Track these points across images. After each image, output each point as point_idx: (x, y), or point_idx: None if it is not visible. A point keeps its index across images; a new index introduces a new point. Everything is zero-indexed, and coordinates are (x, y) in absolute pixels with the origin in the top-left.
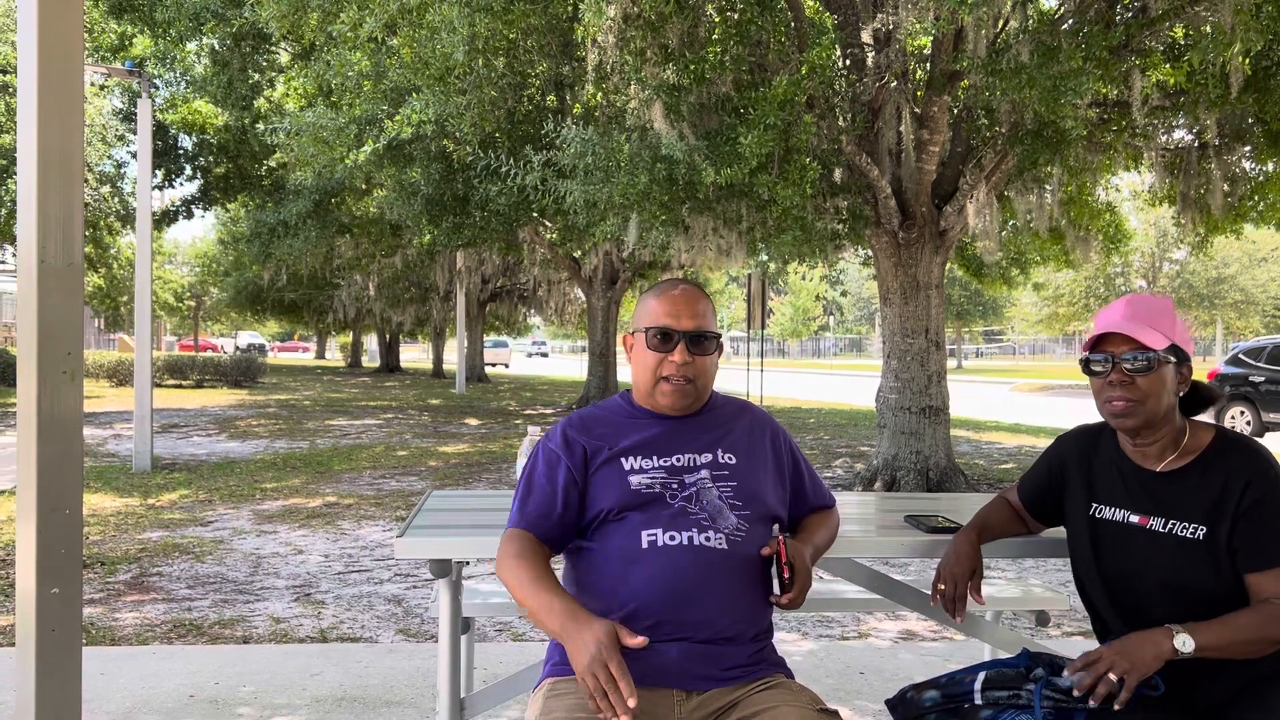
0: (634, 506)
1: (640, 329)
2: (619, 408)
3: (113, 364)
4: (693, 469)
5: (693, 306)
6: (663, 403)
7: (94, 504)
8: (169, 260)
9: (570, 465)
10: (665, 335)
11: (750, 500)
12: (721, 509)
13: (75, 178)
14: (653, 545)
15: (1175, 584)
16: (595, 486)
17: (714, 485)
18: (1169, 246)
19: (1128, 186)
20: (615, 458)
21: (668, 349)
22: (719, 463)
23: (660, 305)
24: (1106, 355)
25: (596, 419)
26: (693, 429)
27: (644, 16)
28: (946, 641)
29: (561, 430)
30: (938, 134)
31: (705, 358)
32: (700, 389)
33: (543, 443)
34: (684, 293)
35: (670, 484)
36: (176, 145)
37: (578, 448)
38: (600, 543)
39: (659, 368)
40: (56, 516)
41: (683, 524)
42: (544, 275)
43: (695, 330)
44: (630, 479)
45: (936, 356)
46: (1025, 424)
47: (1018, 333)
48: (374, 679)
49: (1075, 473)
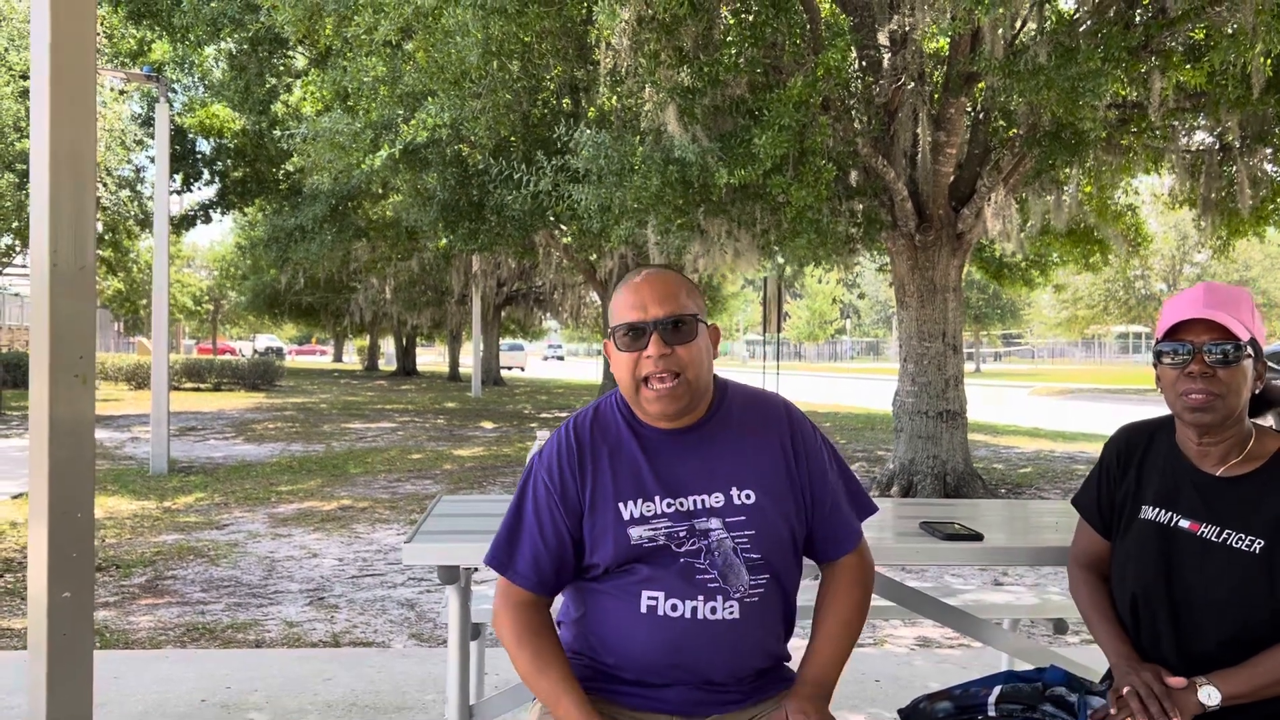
0: (635, 560)
1: (610, 331)
2: (617, 413)
3: (131, 367)
4: (703, 513)
5: (660, 290)
6: (653, 410)
7: (110, 507)
8: (187, 264)
9: (564, 510)
10: (635, 331)
11: (770, 548)
12: (734, 565)
13: (87, 181)
14: (652, 612)
15: (1223, 599)
16: (590, 534)
17: (728, 535)
18: (1190, 249)
19: (1148, 189)
20: (611, 503)
21: (640, 345)
22: (734, 504)
23: (624, 298)
24: (1185, 344)
25: (591, 439)
26: (701, 452)
27: (658, 19)
28: (964, 649)
29: (554, 459)
30: (955, 136)
31: (687, 344)
32: (693, 383)
33: (536, 470)
34: (648, 278)
35: (676, 531)
36: (194, 149)
37: (571, 490)
38: (597, 588)
39: (636, 369)
40: (68, 520)
41: (688, 589)
42: (559, 279)
43: (669, 316)
44: (630, 531)
45: (954, 360)
46: (1044, 428)
47: (1036, 336)
48: (385, 684)
49: (1126, 471)
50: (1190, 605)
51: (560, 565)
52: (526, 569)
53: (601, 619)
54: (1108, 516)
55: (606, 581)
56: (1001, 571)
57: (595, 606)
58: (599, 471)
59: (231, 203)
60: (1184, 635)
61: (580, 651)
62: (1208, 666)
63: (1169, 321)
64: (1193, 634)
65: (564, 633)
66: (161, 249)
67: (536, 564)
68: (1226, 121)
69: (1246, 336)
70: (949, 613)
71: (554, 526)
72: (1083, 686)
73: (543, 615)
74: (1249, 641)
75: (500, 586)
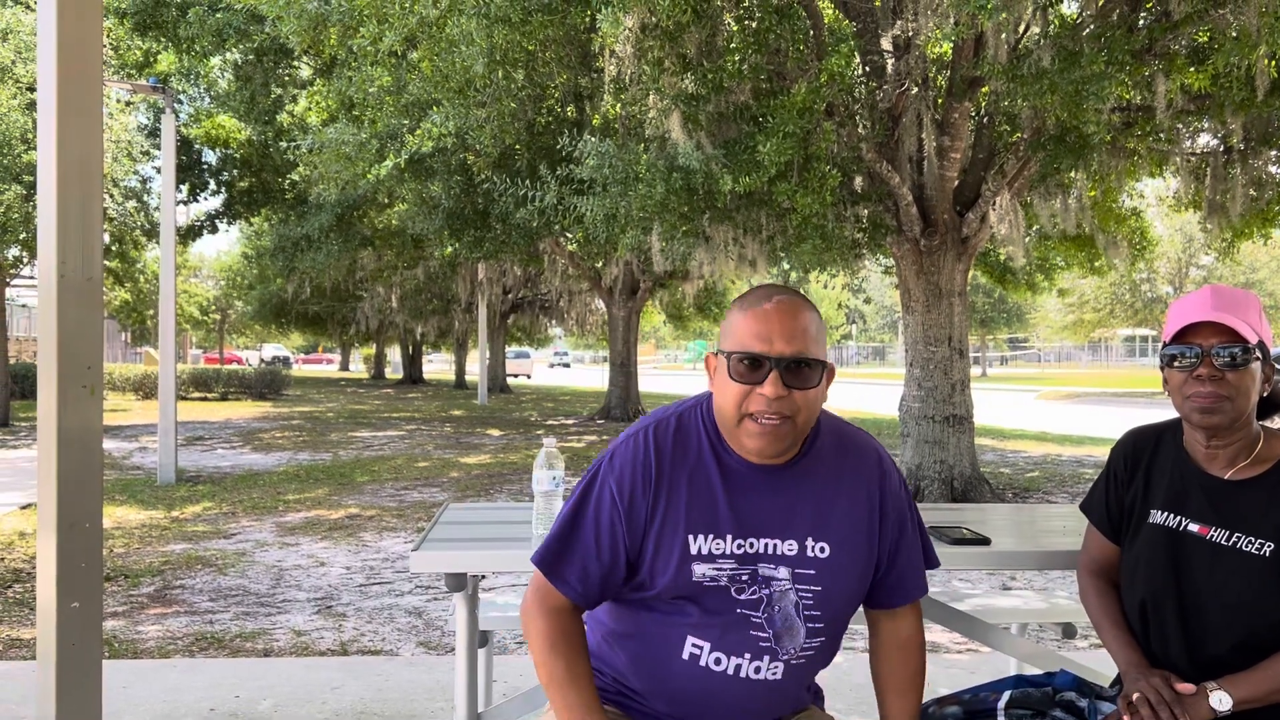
0: (691, 599)
1: (723, 352)
2: (703, 430)
3: (138, 377)
4: (771, 559)
5: (789, 324)
6: (749, 445)
7: (119, 517)
8: (194, 274)
9: (627, 528)
10: (753, 362)
11: (834, 609)
12: (794, 625)
13: (94, 192)
14: (694, 661)
15: (1234, 603)
16: (648, 556)
17: (793, 588)
18: (1196, 252)
19: (1153, 192)
20: (680, 531)
21: (756, 379)
22: (807, 556)
23: (747, 323)
24: (1194, 347)
25: (672, 454)
26: (784, 492)
27: (662, 26)
28: (972, 654)
29: (628, 468)
30: (959, 140)
31: (807, 391)
32: (799, 429)
33: (605, 474)
34: (779, 306)
35: (739, 575)
36: (201, 160)
37: (640, 509)
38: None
39: (745, 402)
40: (77, 530)
41: (738, 644)
42: (565, 286)
43: (794, 356)
44: (694, 567)
45: (960, 364)
46: (1051, 432)
47: (1042, 340)
48: (394, 692)
49: (1134, 476)
50: (1200, 609)
51: (608, 583)
52: (574, 580)
53: (638, 646)
54: (1116, 521)
55: (653, 611)
56: (1009, 576)
57: (634, 629)
58: (674, 495)
59: (238, 213)
60: (1194, 639)
61: (607, 664)
62: (1218, 671)
63: (1177, 324)
64: (1203, 638)
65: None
66: (168, 259)
67: (585, 577)
68: (1231, 124)
69: (1255, 339)
70: (957, 617)
71: (611, 542)
72: (1093, 691)
73: (577, 624)
74: (1259, 645)
75: (538, 585)
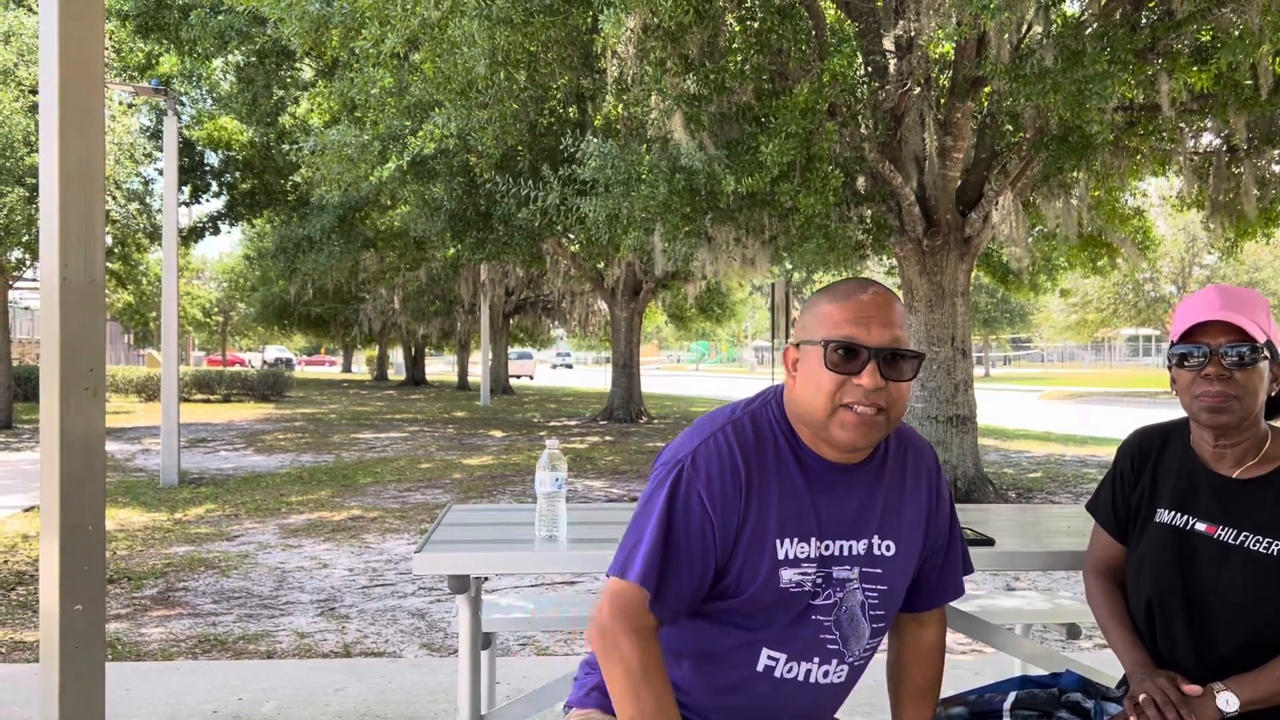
0: (776, 608)
1: (814, 340)
2: (778, 430)
3: (141, 379)
4: (844, 560)
5: (887, 314)
6: (841, 438)
7: (121, 519)
8: (196, 276)
9: (719, 535)
10: (850, 351)
11: (893, 604)
12: (859, 625)
13: (96, 194)
14: (769, 673)
15: (1241, 603)
16: (736, 565)
17: (860, 588)
18: (1199, 251)
19: (1156, 191)
20: (770, 537)
21: (853, 369)
22: (874, 555)
23: (843, 312)
24: (1202, 346)
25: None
26: (860, 493)
27: (663, 27)
28: (976, 655)
29: (715, 471)
30: (961, 140)
31: (901, 384)
32: (891, 423)
33: (689, 478)
34: (875, 297)
35: (818, 580)
36: (203, 162)
37: (733, 512)
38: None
39: (839, 393)
40: (79, 533)
41: (810, 649)
42: (567, 287)
43: (891, 346)
44: (782, 574)
45: (963, 365)
46: (1054, 432)
47: (1045, 340)
48: (397, 694)
49: (1140, 475)
50: (1207, 609)
51: (699, 594)
52: (674, 600)
53: (706, 663)
54: (1123, 521)
55: (726, 624)
56: (1014, 576)
57: (702, 645)
58: (765, 496)
59: (240, 214)
60: (1201, 639)
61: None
62: (1225, 671)
63: (1184, 324)
64: (1210, 638)
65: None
66: (170, 261)
67: (680, 594)
68: (1234, 123)
69: (1263, 338)
70: (961, 618)
71: (703, 550)
72: (1099, 692)
73: (660, 650)
74: (1267, 645)
75: (623, 604)
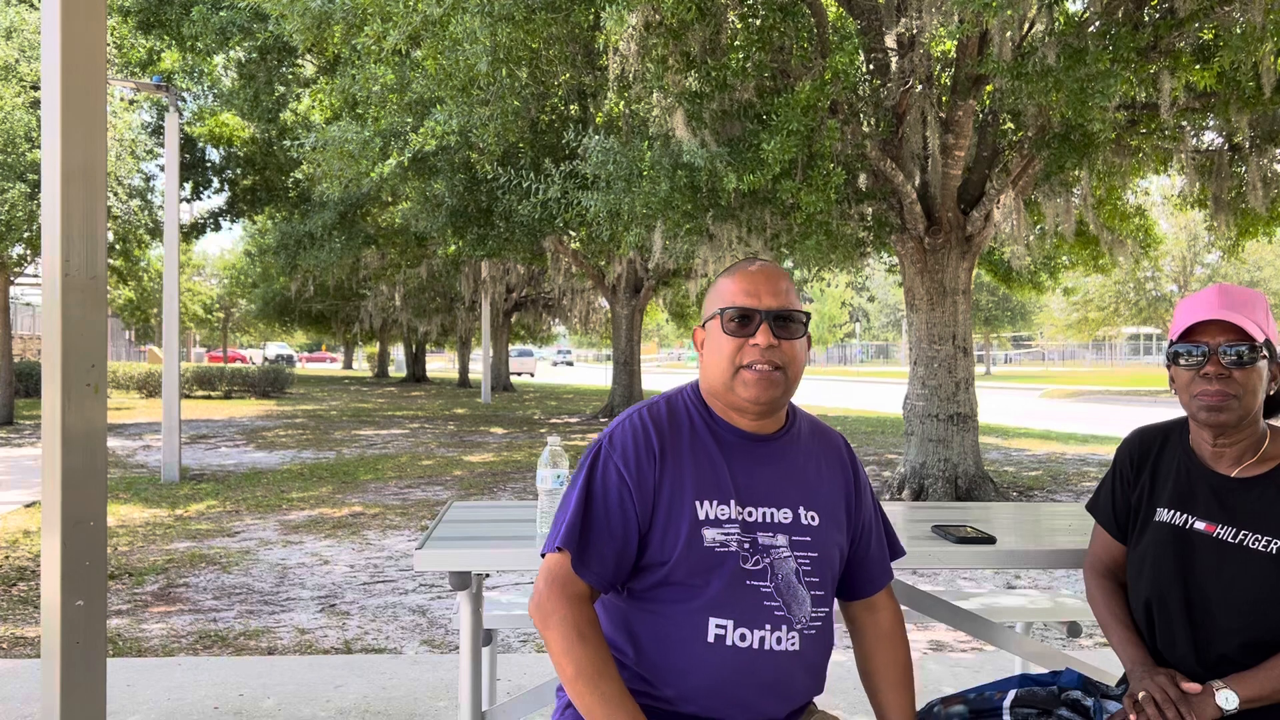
0: (706, 569)
1: (713, 313)
2: (691, 408)
3: (142, 375)
4: (769, 528)
5: (775, 283)
6: (744, 395)
7: (123, 515)
8: (197, 272)
9: (638, 500)
10: (744, 316)
11: (827, 574)
12: (797, 591)
13: (98, 191)
14: (720, 642)
15: (1241, 601)
16: (658, 529)
17: (791, 556)
18: (1201, 250)
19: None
20: (687, 498)
21: (748, 332)
22: (800, 524)
23: (736, 284)
24: (1201, 345)
25: (667, 428)
26: (775, 464)
27: (666, 24)
28: (976, 653)
29: (630, 444)
30: (963, 138)
31: (793, 341)
32: (790, 380)
33: (606, 454)
34: (762, 269)
35: (744, 543)
36: (204, 158)
37: (648, 477)
38: (656, 608)
39: (738, 355)
40: (81, 529)
41: (757, 616)
42: (568, 284)
43: (781, 309)
44: (705, 532)
45: (964, 363)
46: (1055, 431)
47: (1047, 338)
48: (397, 691)
49: (1140, 474)
50: (1207, 607)
51: (622, 563)
52: (598, 563)
53: (662, 648)
54: (1123, 520)
55: (668, 601)
56: (1014, 574)
57: (654, 633)
58: (680, 461)
59: (241, 211)
60: (1201, 638)
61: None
62: (1225, 669)
63: (1184, 323)
64: (1210, 637)
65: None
66: (172, 257)
67: (603, 559)
68: (1236, 121)
69: (1262, 338)
70: (962, 616)
71: (623, 518)
72: (1098, 690)
73: (595, 614)
74: (1267, 643)
75: (555, 575)
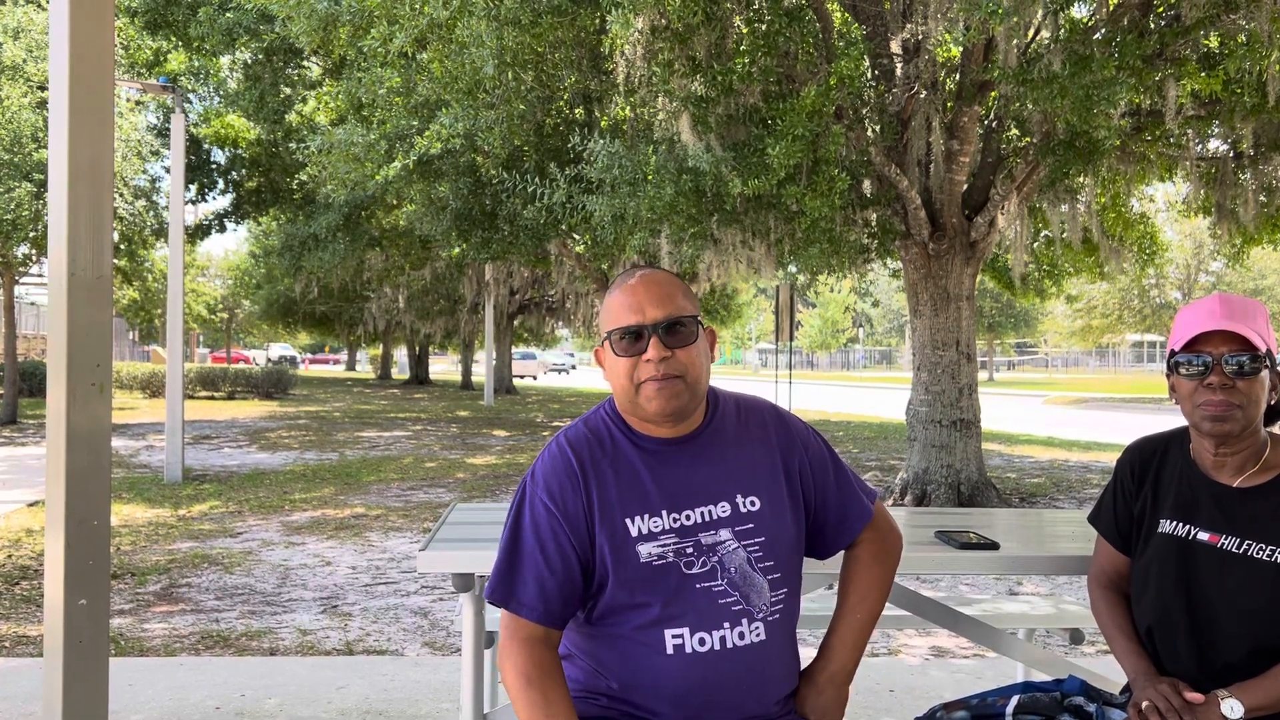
0: (647, 585)
1: (605, 335)
2: (611, 425)
3: (146, 376)
4: (709, 526)
5: (657, 291)
6: (651, 410)
7: (126, 515)
8: (202, 273)
9: (570, 530)
10: (632, 334)
11: (781, 555)
12: (753, 580)
13: (105, 191)
14: (680, 651)
15: (1245, 611)
16: (598, 551)
17: (740, 546)
18: (1205, 258)
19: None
20: (618, 517)
21: (639, 349)
22: (741, 513)
23: (620, 300)
24: (1204, 355)
25: (587, 451)
26: (701, 462)
27: (672, 28)
28: (978, 659)
29: (552, 476)
30: (968, 144)
31: (687, 347)
32: (692, 385)
33: (531, 491)
34: (643, 279)
35: (684, 549)
36: (209, 159)
37: (574, 508)
38: (614, 630)
39: (635, 372)
40: (85, 528)
41: (713, 616)
42: (572, 288)
43: (667, 319)
44: (639, 549)
45: (967, 369)
46: (1058, 437)
47: (1050, 345)
48: (399, 692)
49: (1141, 486)
50: (1211, 618)
51: (568, 593)
52: (532, 599)
53: (626, 666)
54: (1126, 532)
55: (622, 625)
56: (1017, 581)
57: (619, 655)
58: (603, 485)
59: (246, 212)
60: (1205, 648)
61: (599, 692)
62: (1229, 679)
63: (1186, 333)
64: (1214, 647)
65: (573, 669)
66: (177, 258)
67: (542, 592)
68: (1241, 129)
69: (1264, 347)
70: (964, 622)
71: (558, 549)
72: (1102, 697)
73: (552, 654)
74: (1271, 652)
75: (505, 623)
